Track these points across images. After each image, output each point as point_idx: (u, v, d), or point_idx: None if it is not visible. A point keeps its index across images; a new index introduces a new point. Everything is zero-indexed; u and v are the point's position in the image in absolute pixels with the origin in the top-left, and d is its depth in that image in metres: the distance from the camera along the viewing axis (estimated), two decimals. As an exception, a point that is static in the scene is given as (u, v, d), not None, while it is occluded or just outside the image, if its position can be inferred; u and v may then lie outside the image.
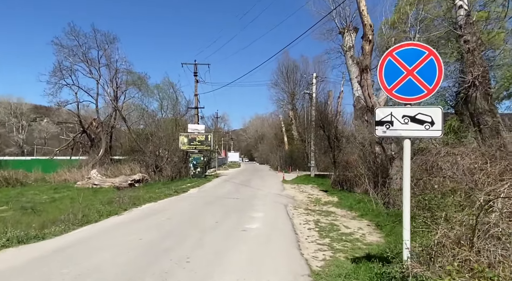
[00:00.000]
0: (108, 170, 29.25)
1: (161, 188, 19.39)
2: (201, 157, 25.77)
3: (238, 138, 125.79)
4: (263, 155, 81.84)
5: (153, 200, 13.65)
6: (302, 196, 15.90)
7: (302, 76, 42.02)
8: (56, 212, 10.62)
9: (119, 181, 24.57)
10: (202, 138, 25.71)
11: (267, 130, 79.89)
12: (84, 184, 24.73)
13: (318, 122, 25.48)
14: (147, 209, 11.13)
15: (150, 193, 16.83)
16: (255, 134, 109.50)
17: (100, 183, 24.59)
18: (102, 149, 35.65)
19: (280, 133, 54.73)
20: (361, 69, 13.62)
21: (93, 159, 33.94)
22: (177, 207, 11.49)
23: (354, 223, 9.36)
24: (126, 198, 14.36)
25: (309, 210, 11.62)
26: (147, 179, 25.49)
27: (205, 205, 12.15)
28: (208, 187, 19.91)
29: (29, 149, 77.27)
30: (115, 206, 11.72)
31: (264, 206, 12.18)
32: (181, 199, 14.37)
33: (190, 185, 21.31)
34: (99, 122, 37.24)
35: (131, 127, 36.86)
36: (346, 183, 18.27)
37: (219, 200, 13.78)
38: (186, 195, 15.97)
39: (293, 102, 44.74)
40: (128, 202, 12.84)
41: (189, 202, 13.17)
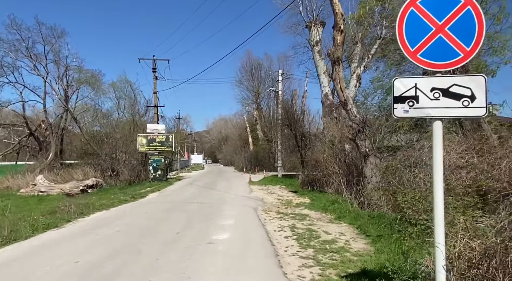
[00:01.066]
0: (58, 175, 26.59)
1: (116, 194, 17.54)
2: (161, 159, 23.98)
3: (202, 140, 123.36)
4: (227, 156, 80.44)
5: (104, 208, 11.97)
6: (271, 198, 14.86)
7: (267, 74, 41.22)
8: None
9: (69, 187, 22.21)
10: (162, 139, 23.93)
11: (231, 132, 78.68)
12: (29, 191, 22.07)
13: (284, 120, 24.67)
14: (96, 219, 9.49)
15: (103, 200, 15.07)
16: (218, 135, 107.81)
17: (47, 190, 22.08)
18: (51, 153, 32.48)
19: (244, 134, 53.64)
20: (332, 61, 12.82)
21: (41, 164, 30.84)
22: (132, 216, 9.96)
23: (333, 228, 8.40)
24: (72, 206, 12.60)
25: (281, 214, 10.56)
26: (101, 183, 23.29)
27: (165, 212, 10.70)
28: (169, 191, 18.31)
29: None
30: (57, 217, 9.98)
31: (232, 210, 10.96)
32: (137, 205, 12.76)
33: (149, 189, 19.58)
34: (48, 124, 34.04)
35: (85, 129, 34.12)
36: (316, 182, 17.52)
37: (181, 205, 12.36)
38: (144, 201, 14.35)
39: (258, 101, 43.74)
40: (75, 211, 11.11)
41: (147, 208, 11.63)
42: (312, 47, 19.30)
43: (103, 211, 11.21)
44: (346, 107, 12.40)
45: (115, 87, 32.35)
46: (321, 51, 19.22)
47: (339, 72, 12.81)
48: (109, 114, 30.07)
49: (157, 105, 25.29)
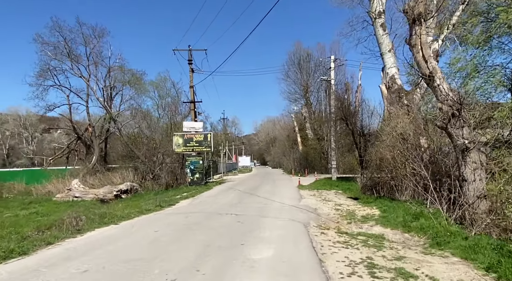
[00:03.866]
0: (98, 179, 25.51)
1: (150, 200, 15.43)
2: (199, 161, 21.58)
3: (250, 142, 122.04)
4: (275, 158, 77.67)
5: (114, 221, 9.54)
6: (327, 208, 11.52)
7: (317, 65, 37.29)
8: None
9: (103, 192, 20.65)
10: (200, 138, 21.55)
11: (279, 133, 76.04)
12: (64, 197, 20.88)
13: (338, 114, 21.07)
14: (84, 242, 6.91)
15: (128, 208, 12.93)
16: (266, 137, 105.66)
17: (82, 195, 20.71)
18: (94, 156, 31.85)
19: (293, 134, 50.27)
20: (411, 20, 9.22)
21: (85, 168, 30.24)
22: (132, 238, 7.25)
23: (440, 267, 4.97)
24: (83, 217, 10.41)
25: (345, 235, 7.27)
26: (136, 188, 21.51)
27: (182, 230, 7.89)
28: (203, 198, 15.67)
29: (39, 160, 75.08)
30: (44, 235, 7.67)
31: (273, 229, 7.85)
32: (156, 218, 10.16)
33: (183, 195, 17.19)
34: (91, 127, 33.50)
35: (127, 131, 33.21)
36: (383, 187, 13.89)
37: (208, 219, 9.52)
38: (169, 211, 11.77)
39: (307, 95, 39.99)
40: (72, 226, 8.86)
41: (163, 223, 8.94)
42: (373, 20, 15.62)
43: (109, 227, 8.71)
44: (432, 82, 8.76)
45: (155, 86, 30.98)
46: (384, 25, 15.46)
47: (421, 35, 9.19)
48: (147, 114, 28.58)
49: (193, 100, 23.01)
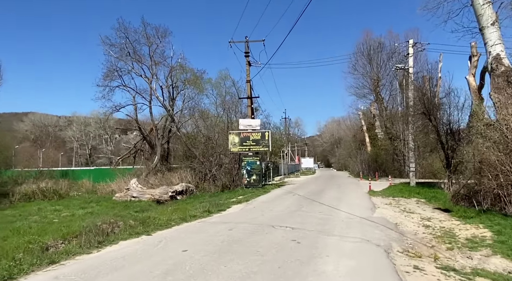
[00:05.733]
0: (158, 179, 25.32)
1: (203, 202, 14.14)
2: (256, 161, 19.85)
3: (313, 144, 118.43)
4: (340, 160, 73.64)
5: (153, 230, 8.19)
6: (412, 223, 8.87)
7: (390, 56, 33.17)
8: None
9: (159, 192, 20.03)
10: (257, 136, 19.82)
11: (344, 133, 71.97)
12: (122, 196, 20.72)
13: (418, 108, 17.73)
14: (99, 261, 5.42)
15: (177, 212, 11.67)
16: (331, 138, 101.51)
17: (139, 195, 20.33)
18: (156, 156, 32.07)
19: (360, 134, 46.37)
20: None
21: (148, 168, 30.55)
22: (159, 258, 5.54)
23: None
24: (120, 223, 9.28)
25: (453, 273, 4.78)
26: (192, 189, 20.54)
27: (221, 250, 6.04)
28: (258, 203, 13.83)
29: (114, 159, 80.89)
30: (71, 244, 6.52)
31: (339, 256, 5.61)
32: (197, 228, 8.52)
33: (237, 198, 15.58)
34: (154, 126, 33.87)
35: (187, 131, 33.00)
36: (484, 197, 10.73)
37: (258, 232, 7.59)
38: (216, 218, 10.10)
39: (377, 90, 35.95)
40: (117, 231, 7.83)
41: (202, 238, 7.20)
42: (469, -14, 12.36)
43: (137, 239, 7.22)
44: None
45: (213, 85, 30.18)
46: (485, -9, 12.11)
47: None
48: (205, 113, 27.78)
49: (250, 96, 21.39)
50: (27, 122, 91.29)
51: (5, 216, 14.44)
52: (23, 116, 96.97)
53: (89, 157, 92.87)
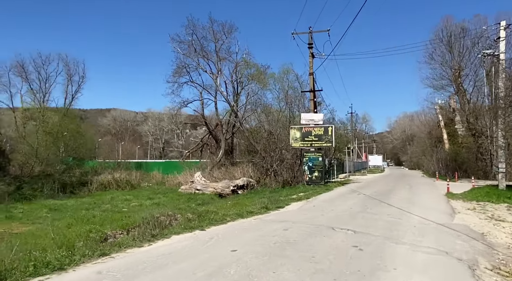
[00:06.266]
0: (222, 173, 25.82)
1: (262, 198, 13.89)
2: (318, 157, 18.95)
3: (382, 140, 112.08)
4: (413, 158, 68.46)
5: (208, 225, 8.04)
6: (503, 234, 7.46)
7: (475, 42, 29.15)
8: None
9: (221, 186, 20.34)
10: (319, 131, 18.89)
11: (418, 129, 66.69)
12: (187, 189, 21.49)
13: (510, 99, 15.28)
14: (147, 256, 5.29)
15: (235, 207, 11.58)
16: (402, 135, 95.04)
17: (203, 188, 20.90)
18: (221, 150, 32.79)
19: (436, 130, 42.25)
20: None
21: (212, 162, 31.41)
22: (205, 258, 5.22)
23: None
24: (178, 216, 9.34)
25: None
26: (253, 184, 20.43)
27: (272, 253, 5.54)
28: (319, 201, 13.06)
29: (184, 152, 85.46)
30: (129, 234, 6.63)
31: (410, 271, 4.73)
32: (251, 226, 8.15)
33: (298, 195, 14.99)
34: (219, 121, 34.65)
35: (250, 125, 33.11)
36: None
37: (315, 234, 6.94)
38: (272, 216, 9.65)
39: (459, 81, 32.05)
40: (174, 224, 7.94)
41: (255, 237, 6.79)
42: None
43: (190, 234, 7.07)
44: None
45: (276, 79, 29.72)
46: None
47: None
48: (267, 108, 27.45)
49: (313, 89, 20.44)
50: (109, 117, 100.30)
51: (82, 203, 15.75)
52: (106, 112, 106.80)
53: (162, 150, 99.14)
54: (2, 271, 4.01)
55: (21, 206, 13.87)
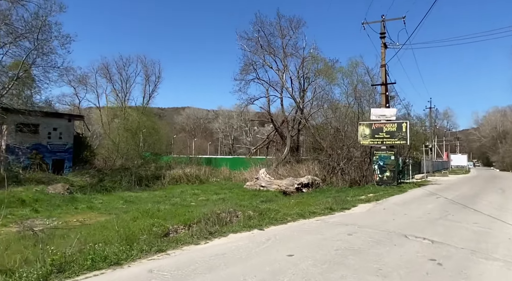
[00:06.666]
0: (287, 171, 25.55)
1: (328, 197, 13.35)
2: (390, 156, 17.49)
3: (468, 138, 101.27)
4: (505, 159, 60.74)
5: (267, 224, 7.76)
6: None
7: None
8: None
9: (285, 184, 20.04)
10: (392, 128, 17.40)
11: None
12: (252, 185, 21.60)
13: None
14: (201, 256, 5.15)
15: (298, 206, 11.23)
16: (492, 132, 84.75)
17: (267, 185, 20.82)
18: (286, 147, 32.50)
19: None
20: None
21: (277, 158, 31.31)
22: (258, 261, 4.89)
23: None
24: (238, 214, 9.23)
25: None
26: (318, 182, 19.71)
27: (332, 261, 5.00)
28: (390, 204, 11.95)
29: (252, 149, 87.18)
30: (190, 230, 6.67)
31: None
32: (313, 228, 7.63)
33: (367, 196, 13.99)
34: (285, 117, 34.35)
35: (316, 122, 32.18)
36: None
37: (384, 242, 6.19)
38: (337, 218, 9.00)
39: None
40: (235, 220, 7.89)
41: (315, 241, 6.28)
42: None
43: (247, 233, 6.84)
44: None
45: (344, 73, 28.41)
46: None
47: None
48: (334, 103, 26.35)
49: (385, 82, 18.86)
50: (184, 115, 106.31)
51: (155, 196, 16.66)
52: (181, 110, 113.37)
53: (231, 146, 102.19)
54: (62, 263, 4.18)
55: (101, 197, 15.10)
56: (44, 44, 17.07)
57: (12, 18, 16.09)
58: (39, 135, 21.60)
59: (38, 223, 10.23)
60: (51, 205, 12.49)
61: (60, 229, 8.06)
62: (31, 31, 16.17)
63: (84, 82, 41.70)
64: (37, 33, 16.23)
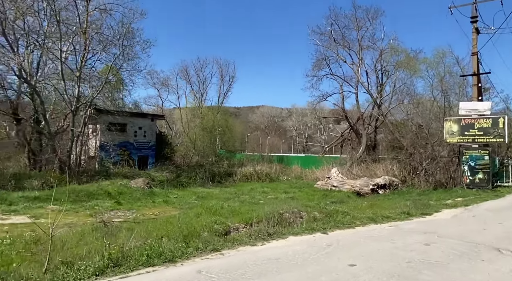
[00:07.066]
0: (362, 170, 24.32)
1: (407, 200, 12.44)
2: (484, 155, 15.25)
3: None
4: None
5: (332, 228, 7.32)
6: None
7: None
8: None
9: (359, 184, 19.05)
10: (485, 124, 15.13)
11: None
12: (323, 185, 20.97)
13: None
14: (257, 258, 4.96)
15: (372, 209, 10.77)
16: None
17: (339, 185, 20.04)
18: (362, 146, 30.91)
19: None
20: None
21: (352, 157, 29.98)
22: (314, 270, 4.55)
23: None
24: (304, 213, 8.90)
25: None
26: (396, 184, 18.22)
27: (409, 270, 4.40)
28: (481, 210, 10.36)
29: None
30: (250, 229, 6.61)
31: None
32: (383, 235, 6.89)
33: (454, 200, 12.49)
34: (360, 114, 32.68)
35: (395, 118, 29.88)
36: None
37: (469, 258, 5.26)
38: (414, 225, 8.05)
39: None
40: (299, 221, 7.68)
41: (384, 250, 5.61)
42: None
43: (309, 236, 6.46)
44: None
45: (429, 64, 25.80)
46: None
47: None
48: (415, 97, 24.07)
49: (477, 72, 16.42)
50: (258, 114, 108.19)
51: (225, 193, 17.09)
52: (256, 109, 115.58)
53: (305, 145, 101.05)
54: (119, 257, 4.34)
55: (177, 192, 15.99)
56: (129, 50, 18.71)
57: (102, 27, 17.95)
58: (126, 133, 23.81)
59: (120, 215, 11.17)
60: (132, 198, 13.58)
61: (131, 222, 8.58)
62: (118, 38, 17.83)
63: (166, 84, 45.08)
64: (122, 39, 17.86)
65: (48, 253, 3.88)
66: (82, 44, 17.33)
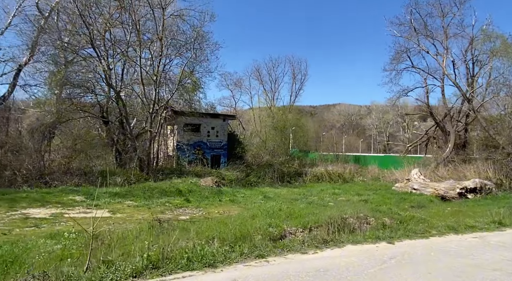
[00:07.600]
0: (449, 172, 21.92)
1: (501, 207, 11.04)
2: None
3: None
4: None
5: (401, 237, 6.52)
6: None
7: None
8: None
9: (444, 187, 17.15)
10: None
11: None
12: (402, 187, 19.36)
13: None
14: (303, 268, 4.54)
15: (456, 216, 9.67)
16: None
17: (420, 188, 18.32)
18: (449, 144, 27.79)
19: None
20: None
21: (438, 157, 27.17)
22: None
23: None
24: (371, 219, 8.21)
25: None
26: (490, 188, 15.87)
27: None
28: None
29: (410, 147, 79.54)
30: (308, 233, 6.26)
31: None
32: (465, 247, 5.86)
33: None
34: (448, 110, 29.42)
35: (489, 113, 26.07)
36: None
37: None
38: (506, 237, 6.77)
39: None
40: (366, 227, 7.18)
41: (461, 267, 4.69)
42: None
43: (370, 245, 5.78)
44: None
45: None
46: None
47: None
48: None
49: None
50: (334, 112, 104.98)
51: (292, 193, 16.67)
52: (332, 107, 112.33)
53: (386, 144, 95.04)
54: (159, 259, 4.30)
55: (244, 191, 16.09)
56: (200, 53, 19.52)
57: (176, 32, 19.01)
58: (200, 133, 24.94)
59: (188, 212, 11.59)
60: (201, 196, 14.04)
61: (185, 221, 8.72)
62: (190, 42, 18.72)
63: (239, 85, 46.28)
64: (193, 43, 18.70)
65: (89, 252, 4.01)
66: (159, 50, 18.57)
